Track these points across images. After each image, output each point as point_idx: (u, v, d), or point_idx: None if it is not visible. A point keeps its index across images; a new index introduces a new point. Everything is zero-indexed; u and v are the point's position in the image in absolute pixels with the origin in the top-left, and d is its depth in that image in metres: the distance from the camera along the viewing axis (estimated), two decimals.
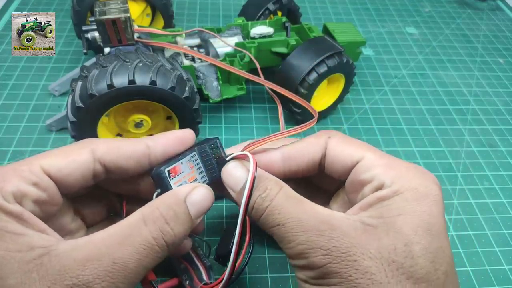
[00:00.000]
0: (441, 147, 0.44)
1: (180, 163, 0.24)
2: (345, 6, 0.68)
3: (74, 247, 0.19)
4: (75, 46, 0.52)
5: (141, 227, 0.20)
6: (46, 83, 0.46)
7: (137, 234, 0.20)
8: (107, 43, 0.37)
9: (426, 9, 0.70)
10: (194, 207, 0.22)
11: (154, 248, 0.20)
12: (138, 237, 0.19)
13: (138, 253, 0.19)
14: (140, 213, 0.20)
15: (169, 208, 0.21)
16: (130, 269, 0.19)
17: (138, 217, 0.20)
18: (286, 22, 0.46)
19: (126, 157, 0.23)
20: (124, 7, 0.37)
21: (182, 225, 0.21)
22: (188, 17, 0.61)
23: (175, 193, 0.22)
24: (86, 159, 0.22)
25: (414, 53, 0.58)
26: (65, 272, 0.18)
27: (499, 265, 0.34)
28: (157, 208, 0.21)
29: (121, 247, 0.19)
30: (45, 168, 0.21)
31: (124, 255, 0.19)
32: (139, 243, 0.19)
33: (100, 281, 0.18)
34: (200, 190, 0.22)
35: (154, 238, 0.20)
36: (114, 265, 0.18)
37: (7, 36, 0.52)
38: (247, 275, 0.31)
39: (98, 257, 0.18)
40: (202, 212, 0.22)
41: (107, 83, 0.31)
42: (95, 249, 0.19)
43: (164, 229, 0.20)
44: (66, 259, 0.18)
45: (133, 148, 0.23)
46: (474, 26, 0.66)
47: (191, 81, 0.36)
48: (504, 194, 0.40)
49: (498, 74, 0.56)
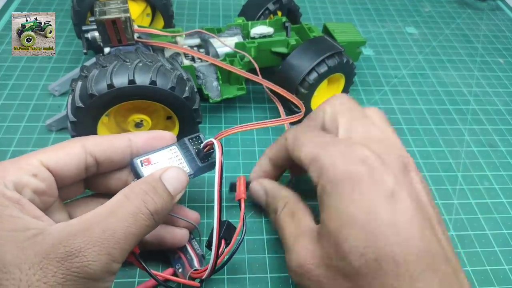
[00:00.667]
0: (441, 147, 0.44)
1: (157, 154, 0.27)
2: (345, 6, 0.68)
3: (66, 225, 0.21)
4: (75, 46, 0.52)
5: (124, 201, 0.22)
6: (46, 83, 0.46)
7: (121, 206, 0.22)
8: (107, 43, 0.37)
9: (426, 9, 0.70)
10: (170, 183, 0.24)
11: (139, 216, 0.22)
12: (123, 209, 0.21)
13: (125, 221, 0.21)
14: (121, 193, 0.23)
15: (147, 183, 0.23)
16: (119, 236, 0.20)
17: (120, 196, 0.22)
18: (286, 22, 0.46)
19: (114, 148, 0.26)
20: (124, 7, 0.37)
21: (161, 197, 0.23)
22: (188, 17, 0.61)
23: (151, 174, 0.24)
24: (79, 151, 0.24)
25: (414, 53, 0.58)
26: (58, 244, 0.19)
27: (499, 265, 0.34)
28: (136, 184, 0.23)
29: (108, 218, 0.21)
30: (43, 161, 0.23)
31: (113, 224, 0.21)
32: (124, 214, 0.21)
33: (91, 246, 0.19)
34: (172, 170, 0.25)
35: (137, 207, 0.22)
36: (103, 232, 0.20)
37: (7, 36, 0.52)
38: (247, 275, 0.31)
39: (88, 228, 0.20)
40: (178, 188, 0.25)
41: (107, 83, 0.31)
42: (85, 224, 0.20)
43: (145, 199, 0.22)
44: (59, 234, 0.20)
45: (118, 141, 0.26)
46: (474, 26, 0.66)
47: (191, 81, 0.36)
48: (504, 194, 0.40)
49: (498, 74, 0.56)
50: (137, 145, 0.27)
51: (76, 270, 0.19)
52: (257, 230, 0.34)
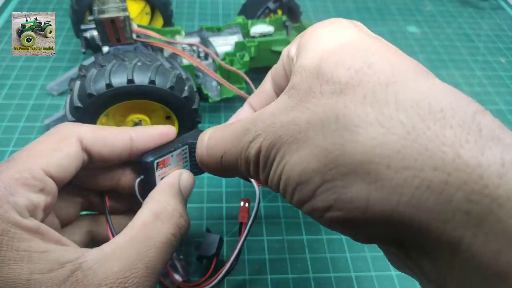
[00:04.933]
0: None
1: (170, 156, 0.24)
2: (346, 5, 0.68)
3: (103, 257, 0.18)
4: (74, 45, 0.52)
5: (158, 225, 0.20)
6: (44, 82, 0.46)
7: (156, 233, 0.20)
8: (105, 42, 0.37)
9: (428, 8, 0.69)
10: (184, 193, 0.23)
11: (173, 244, 0.20)
12: (159, 236, 0.20)
13: (162, 252, 0.20)
14: (151, 211, 0.21)
15: (179, 202, 0.22)
16: (159, 270, 0.19)
17: (151, 216, 0.20)
18: (286, 21, 0.46)
19: (111, 147, 0.23)
20: (123, 6, 0.36)
21: (187, 217, 0.22)
22: (187, 16, 0.61)
23: (172, 184, 0.23)
24: (77, 151, 0.22)
25: (416, 52, 0.58)
26: (104, 284, 0.17)
27: None
28: (167, 203, 0.21)
29: (147, 250, 0.19)
30: (46, 169, 0.20)
31: (153, 258, 0.19)
32: (161, 243, 0.20)
33: (135, 283, 0.18)
34: (185, 176, 0.24)
35: (172, 234, 0.20)
36: (147, 269, 0.19)
37: (5, 36, 0.52)
38: (247, 276, 0.31)
39: (132, 265, 0.18)
40: (188, 195, 0.24)
41: (105, 82, 0.31)
42: (126, 257, 0.19)
43: (180, 223, 0.21)
44: (102, 272, 0.18)
45: (118, 139, 0.23)
46: (475, 25, 0.66)
47: (191, 81, 0.36)
48: None
49: (500, 74, 0.56)
50: (138, 145, 0.24)
51: None
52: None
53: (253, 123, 0.18)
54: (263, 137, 0.17)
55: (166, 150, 0.24)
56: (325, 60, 0.17)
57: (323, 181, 0.15)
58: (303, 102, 0.17)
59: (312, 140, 0.15)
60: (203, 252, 0.29)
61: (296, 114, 0.17)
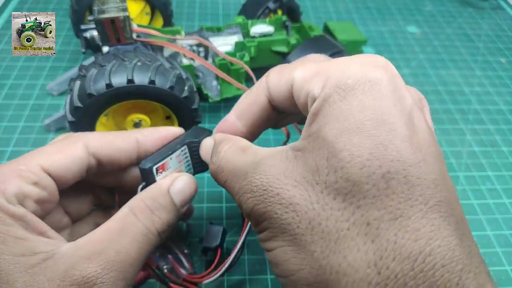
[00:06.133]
0: (443, 147, 0.44)
1: (169, 159, 0.24)
2: (346, 5, 0.68)
3: (76, 247, 0.19)
4: (74, 45, 0.52)
5: (132, 218, 0.21)
6: (44, 82, 0.46)
7: (130, 224, 0.20)
8: (105, 42, 0.37)
9: (427, 8, 0.69)
10: (178, 196, 0.23)
11: (149, 236, 0.21)
12: (133, 227, 0.20)
13: (137, 241, 0.20)
14: (128, 207, 0.21)
15: (153, 200, 0.22)
16: (133, 257, 0.19)
17: (127, 211, 0.21)
18: (286, 21, 0.46)
19: (118, 151, 0.24)
20: (123, 6, 0.36)
21: (168, 214, 0.22)
22: (187, 16, 0.61)
23: (158, 185, 0.23)
24: (81, 154, 0.22)
25: (416, 52, 0.58)
26: (72, 269, 0.18)
27: (501, 266, 0.34)
28: (142, 200, 0.21)
29: (120, 238, 0.20)
30: (44, 166, 0.21)
31: (126, 244, 0.19)
32: (135, 232, 0.20)
33: (108, 271, 0.18)
34: (182, 179, 0.23)
35: (146, 227, 0.21)
36: (118, 254, 0.19)
37: (5, 36, 0.52)
38: (247, 275, 0.31)
39: (102, 251, 0.19)
40: (186, 199, 0.23)
41: (105, 82, 0.31)
42: (97, 245, 0.19)
43: (153, 218, 0.21)
44: (71, 258, 0.18)
45: (124, 143, 0.24)
46: (475, 25, 0.66)
47: (190, 81, 0.36)
48: (506, 195, 0.40)
49: (500, 74, 0.56)
50: (145, 147, 0.24)
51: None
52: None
53: (253, 171, 0.19)
54: (257, 201, 0.18)
55: (164, 154, 0.24)
56: (348, 151, 0.16)
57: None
58: (306, 181, 0.17)
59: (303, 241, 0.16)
60: (207, 244, 0.29)
61: (296, 194, 0.17)
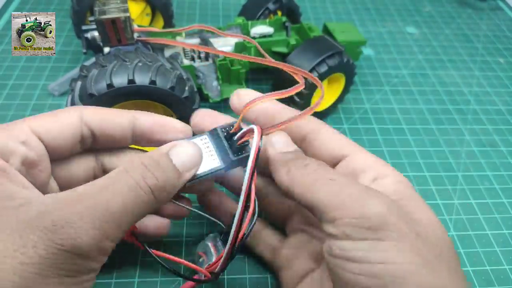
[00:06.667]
0: (442, 147, 0.44)
1: None
2: (345, 6, 0.68)
3: (55, 196, 0.19)
4: (75, 46, 0.52)
5: (123, 174, 0.20)
6: (45, 83, 0.46)
7: (119, 180, 0.19)
8: (106, 42, 0.37)
9: (426, 9, 0.70)
10: (179, 158, 0.21)
11: (138, 192, 0.19)
12: (121, 182, 0.19)
13: (121, 195, 0.19)
14: (122, 166, 0.20)
15: (150, 157, 0.21)
16: (114, 210, 0.18)
17: (120, 169, 0.20)
18: (286, 22, 0.46)
19: (113, 124, 0.23)
20: (124, 6, 0.36)
21: (164, 173, 0.21)
22: (188, 17, 0.61)
23: (158, 148, 0.22)
24: (74, 121, 0.22)
25: (415, 53, 0.58)
26: (44, 214, 0.17)
27: (500, 265, 0.34)
28: (139, 157, 0.21)
29: (103, 191, 0.19)
30: (34, 128, 0.21)
31: (106, 197, 0.18)
32: (120, 187, 0.19)
33: (81, 217, 0.17)
34: (183, 144, 0.22)
35: (136, 181, 0.19)
36: (95, 205, 0.18)
37: (6, 36, 0.52)
38: (247, 275, 0.31)
39: (79, 200, 0.18)
40: (188, 164, 0.22)
41: (106, 82, 0.31)
42: (77, 196, 0.18)
43: (146, 174, 0.20)
44: (46, 206, 0.18)
45: (121, 117, 0.24)
46: (474, 26, 0.66)
47: (191, 81, 0.36)
48: (505, 194, 0.40)
49: (499, 74, 0.56)
50: (142, 126, 0.24)
51: (61, 242, 0.17)
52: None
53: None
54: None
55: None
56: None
57: None
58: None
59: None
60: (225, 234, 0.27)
61: None
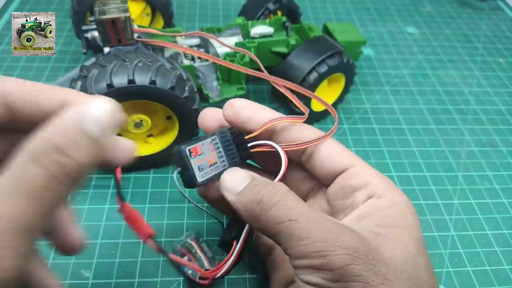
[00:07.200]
0: (442, 147, 0.44)
1: (201, 144, 0.24)
2: (345, 6, 0.68)
3: None
4: (75, 46, 0.52)
5: (32, 167, 0.15)
6: (45, 83, 0.46)
7: (28, 177, 0.15)
8: (106, 43, 0.37)
9: (426, 9, 0.70)
10: (96, 125, 0.16)
11: (54, 186, 0.15)
12: (32, 179, 0.15)
13: (32, 199, 0.15)
14: (26, 152, 0.15)
15: (63, 136, 0.16)
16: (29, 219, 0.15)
17: (25, 157, 0.15)
18: (286, 22, 0.46)
19: (41, 105, 0.20)
20: (124, 6, 0.36)
21: (85, 152, 0.16)
22: (188, 17, 0.61)
23: (66, 116, 0.16)
24: None
25: (415, 53, 0.58)
26: None
27: (500, 265, 0.34)
28: (48, 140, 0.16)
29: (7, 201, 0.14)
30: None
31: (14, 210, 0.14)
32: (30, 190, 0.15)
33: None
34: (95, 100, 0.17)
35: (53, 175, 0.15)
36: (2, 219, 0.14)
37: (6, 36, 0.52)
38: (247, 275, 0.31)
39: None
40: (105, 125, 0.17)
41: (106, 82, 0.31)
42: None
43: (63, 162, 0.15)
44: None
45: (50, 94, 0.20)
46: (474, 26, 0.66)
47: (191, 81, 0.36)
48: (505, 194, 0.40)
49: (499, 74, 0.56)
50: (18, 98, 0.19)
51: None
52: None
53: (306, 233, 0.20)
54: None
55: (196, 140, 0.25)
56: None
57: None
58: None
59: None
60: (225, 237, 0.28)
61: None
